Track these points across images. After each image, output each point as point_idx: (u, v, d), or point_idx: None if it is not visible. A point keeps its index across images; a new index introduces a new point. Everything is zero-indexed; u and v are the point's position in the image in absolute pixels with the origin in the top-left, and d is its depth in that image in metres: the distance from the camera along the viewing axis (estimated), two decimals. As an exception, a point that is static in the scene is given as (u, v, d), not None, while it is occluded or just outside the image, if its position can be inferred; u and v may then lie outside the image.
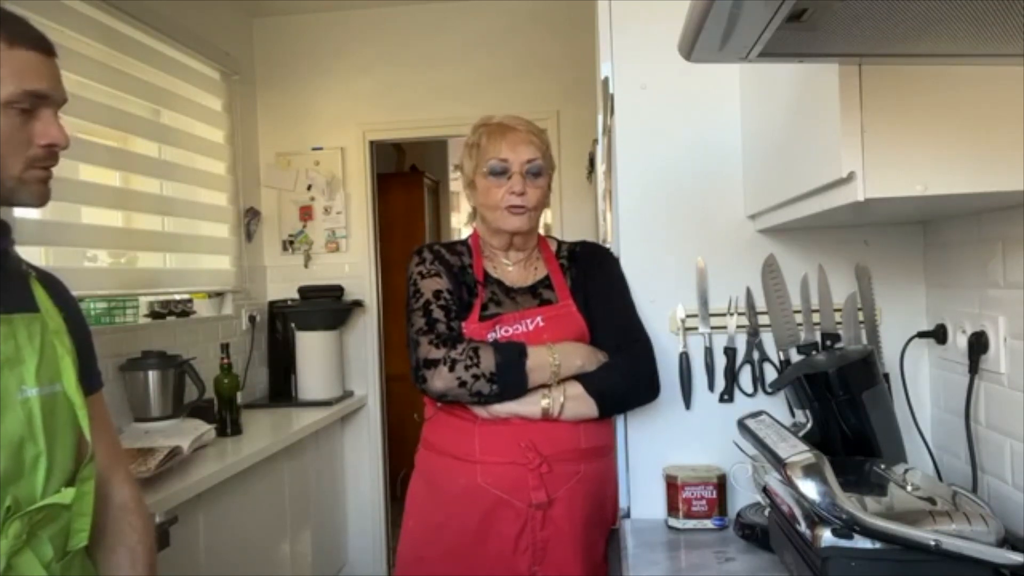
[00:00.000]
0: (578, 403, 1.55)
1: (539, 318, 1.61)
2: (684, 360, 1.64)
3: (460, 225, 7.02)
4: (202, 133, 3.37)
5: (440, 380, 1.52)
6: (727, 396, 1.63)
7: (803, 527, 1.08)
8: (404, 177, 5.27)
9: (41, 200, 1.15)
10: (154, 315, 3.00)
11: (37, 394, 1.12)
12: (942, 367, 1.51)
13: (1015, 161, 0.96)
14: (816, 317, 1.56)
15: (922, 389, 1.57)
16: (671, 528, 1.55)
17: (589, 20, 2.13)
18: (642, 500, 1.65)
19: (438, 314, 1.59)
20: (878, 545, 1.00)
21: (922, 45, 0.82)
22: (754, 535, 1.42)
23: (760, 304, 1.61)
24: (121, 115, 2.77)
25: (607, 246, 1.82)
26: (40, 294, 1.21)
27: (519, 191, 1.61)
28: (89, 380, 1.26)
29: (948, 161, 0.97)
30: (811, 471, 1.03)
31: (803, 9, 0.69)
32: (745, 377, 1.63)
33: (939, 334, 1.49)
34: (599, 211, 2.27)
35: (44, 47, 1.14)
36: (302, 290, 3.69)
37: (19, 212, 2.19)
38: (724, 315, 1.63)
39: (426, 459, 1.67)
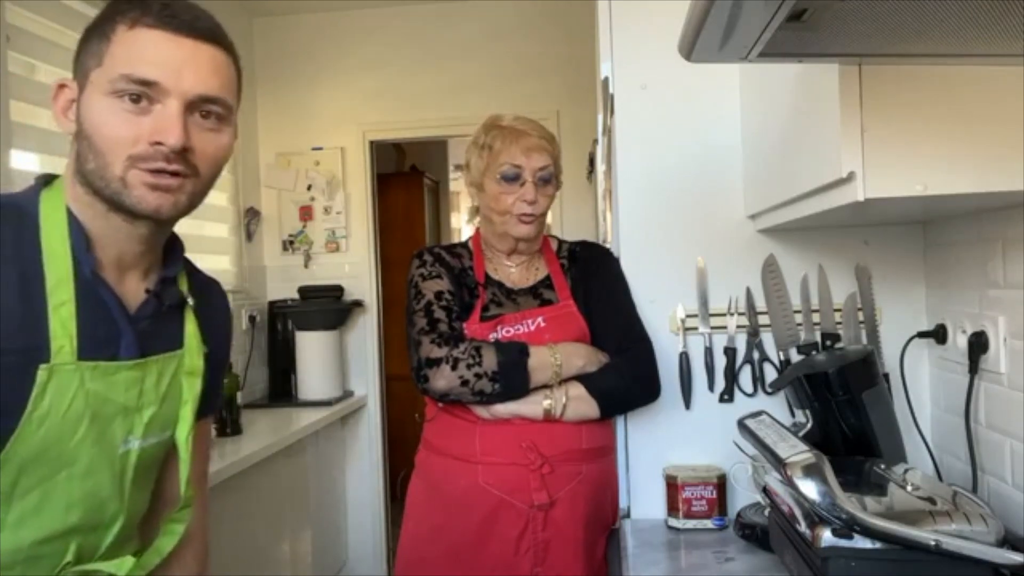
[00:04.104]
0: (580, 404, 1.55)
1: (540, 318, 1.61)
2: (684, 360, 1.64)
3: (460, 225, 7.03)
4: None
5: (442, 379, 1.51)
6: (727, 396, 1.63)
7: (803, 527, 1.08)
8: (404, 177, 5.27)
9: (149, 208, 0.96)
10: (154, 315, 3.00)
11: (139, 446, 1.02)
12: (942, 367, 1.51)
13: (1015, 161, 0.96)
14: (816, 317, 1.56)
15: (922, 389, 1.57)
16: (671, 528, 1.55)
17: (589, 20, 2.13)
18: (642, 500, 1.65)
19: (440, 314, 1.59)
20: (878, 545, 1.00)
21: (922, 45, 0.82)
22: (754, 535, 1.42)
23: (760, 304, 1.61)
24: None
25: (607, 246, 1.82)
26: (190, 328, 1.09)
27: (531, 199, 1.60)
28: (206, 406, 1.15)
29: (948, 161, 0.97)
30: (811, 471, 1.03)
31: (803, 9, 0.70)
32: (745, 377, 1.63)
33: (939, 334, 1.49)
34: (599, 211, 2.27)
35: (185, 31, 0.96)
36: (302, 290, 3.69)
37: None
38: (724, 315, 1.63)
39: (427, 460, 1.67)
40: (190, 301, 1.09)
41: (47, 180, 1.04)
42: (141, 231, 1.00)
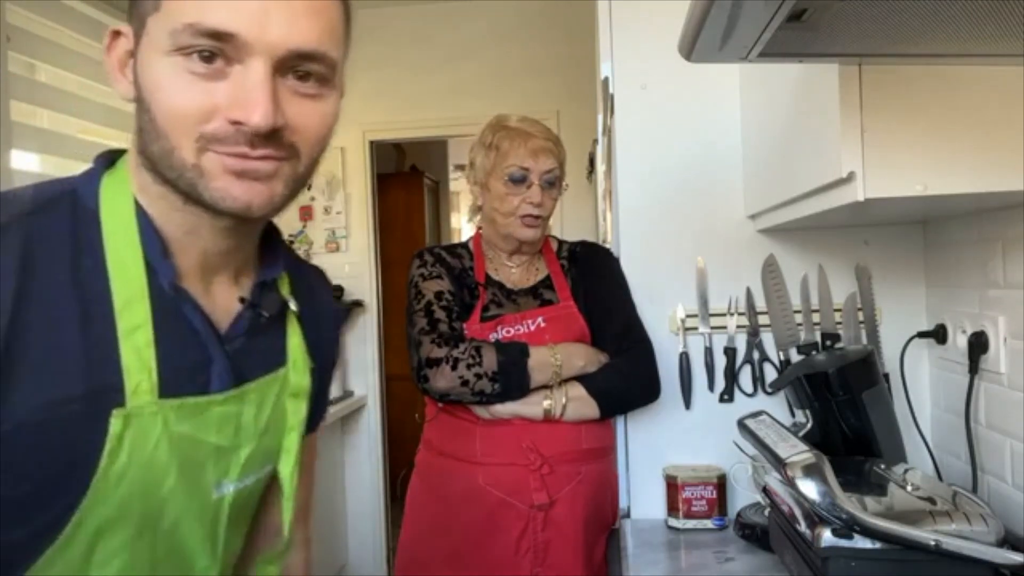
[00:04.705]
0: (580, 404, 1.55)
1: (540, 319, 1.61)
2: (684, 360, 1.64)
3: (460, 225, 7.03)
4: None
5: (443, 379, 1.51)
6: (727, 396, 1.63)
7: (803, 527, 1.08)
8: (404, 177, 5.27)
9: (236, 205, 0.72)
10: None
11: (234, 489, 0.81)
12: (942, 367, 1.51)
13: (1015, 161, 0.96)
14: (816, 317, 1.56)
15: (922, 389, 1.57)
16: (671, 528, 1.55)
17: (589, 20, 2.13)
18: (642, 500, 1.65)
19: (440, 315, 1.59)
20: (878, 545, 1.00)
21: (922, 45, 0.82)
22: (754, 535, 1.42)
23: (760, 304, 1.61)
24: (121, 115, 2.77)
25: (607, 246, 1.82)
26: (295, 340, 0.87)
27: (536, 202, 1.60)
28: (311, 421, 0.95)
29: (948, 161, 0.97)
30: (811, 471, 1.03)
31: (803, 9, 0.69)
32: (745, 377, 1.63)
33: (939, 334, 1.49)
34: (599, 211, 2.27)
35: None
36: (302, 290, 3.68)
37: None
38: (724, 315, 1.63)
39: (427, 460, 1.67)
40: (293, 307, 0.87)
41: (111, 158, 0.80)
42: (228, 222, 0.77)
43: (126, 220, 0.75)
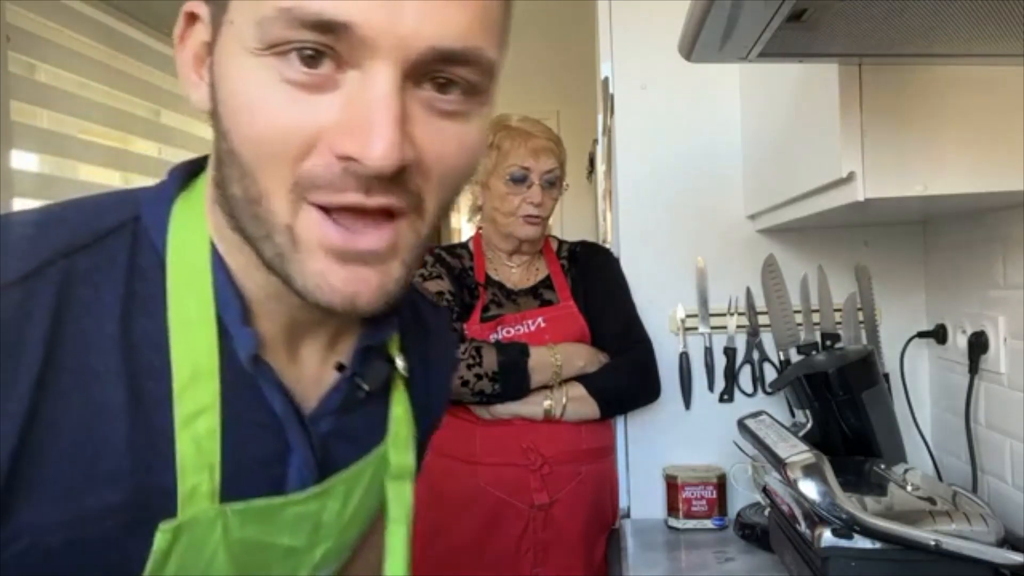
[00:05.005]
0: (580, 404, 1.55)
1: (540, 319, 1.61)
2: (684, 360, 1.64)
3: (460, 225, 7.02)
4: (202, 133, 3.37)
5: (441, 380, 1.51)
6: (727, 396, 1.63)
7: (803, 527, 1.08)
8: (404, 177, 5.27)
9: (336, 300, 0.52)
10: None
11: None
12: (942, 367, 1.51)
13: (1015, 161, 0.96)
14: (816, 317, 1.56)
15: (922, 389, 1.57)
16: (671, 528, 1.55)
17: (589, 20, 2.13)
18: (642, 500, 1.65)
19: (439, 314, 1.59)
20: (878, 545, 1.00)
21: (922, 45, 0.82)
22: (754, 535, 1.42)
23: (760, 304, 1.61)
24: (121, 115, 2.77)
25: (607, 246, 1.82)
26: (399, 407, 0.69)
27: (537, 201, 1.61)
28: None
29: (948, 161, 0.98)
30: (811, 471, 1.03)
31: (803, 9, 0.70)
32: (745, 377, 1.63)
33: (939, 334, 1.49)
34: (599, 211, 2.27)
35: None
36: (302, 290, 3.68)
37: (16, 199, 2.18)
38: (724, 315, 1.63)
39: (427, 460, 1.67)
40: (403, 370, 0.68)
41: (190, 170, 0.61)
42: None
43: (199, 269, 0.56)
